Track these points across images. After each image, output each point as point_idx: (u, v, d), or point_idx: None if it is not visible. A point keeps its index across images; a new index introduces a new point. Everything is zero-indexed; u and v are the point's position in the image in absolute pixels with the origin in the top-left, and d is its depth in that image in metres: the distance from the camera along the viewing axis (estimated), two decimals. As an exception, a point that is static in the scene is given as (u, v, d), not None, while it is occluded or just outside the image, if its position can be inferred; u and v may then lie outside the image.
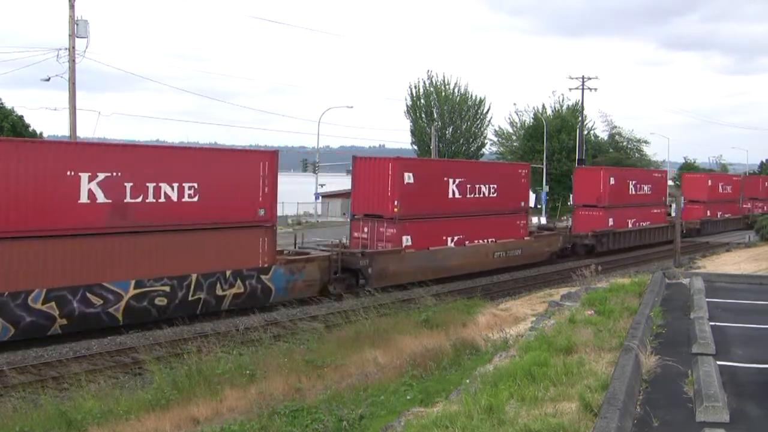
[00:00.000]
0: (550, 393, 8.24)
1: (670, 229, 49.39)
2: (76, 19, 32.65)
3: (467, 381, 10.45)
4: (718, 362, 9.22)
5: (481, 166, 47.52)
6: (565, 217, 65.10)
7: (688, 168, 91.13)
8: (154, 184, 22.11)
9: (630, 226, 48.26)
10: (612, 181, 46.51)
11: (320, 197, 65.45)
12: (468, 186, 34.35)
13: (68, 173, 20.24)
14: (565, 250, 42.83)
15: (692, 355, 9.73)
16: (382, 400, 12.62)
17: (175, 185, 22.55)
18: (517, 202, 38.28)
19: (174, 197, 22.57)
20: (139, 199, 21.79)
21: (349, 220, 33.52)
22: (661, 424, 7.23)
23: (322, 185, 65.76)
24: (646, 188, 50.86)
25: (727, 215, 64.28)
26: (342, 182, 64.45)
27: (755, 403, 7.98)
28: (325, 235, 44.55)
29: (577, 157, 68.97)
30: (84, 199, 20.57)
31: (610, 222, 46.01)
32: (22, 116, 49.01)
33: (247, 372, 15.59)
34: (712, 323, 11.71)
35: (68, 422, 13.12)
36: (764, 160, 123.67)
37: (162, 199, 22.29)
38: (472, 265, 34.36)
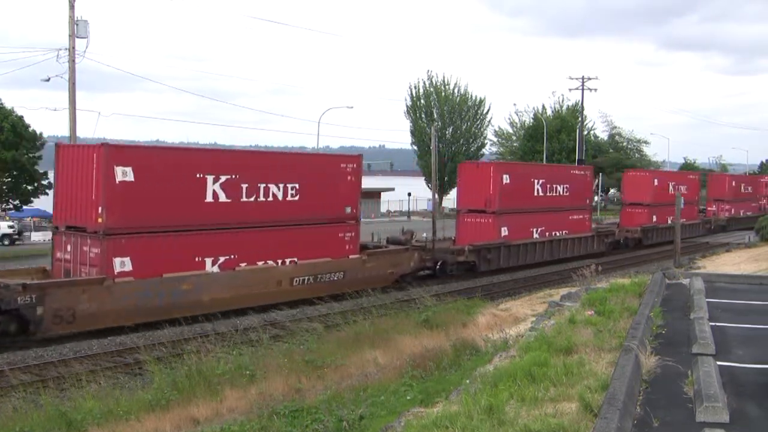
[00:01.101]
0: (550, 393, 8.24)
1: (596, 239, 44.63)
2: (76, 19, 32.64)
3: (467, 381, 10.45)
4: (718, 362, 9.22)
5: (276, 157, 30.36)
6: None
7: (688, 168, 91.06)
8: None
9: (537, 236, 39.54)
10: (506, 179, 37.10)
11: None
12: (244, 186, 25.55)
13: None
14: (429, 269, 33.79)
15: (692, 355, 9.73)
16: (382, 400, 12.62)
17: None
18: (341, 208, 28.92)
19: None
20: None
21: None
22: (661, 424, 7.23)
23: None
24: (560, 189, 41.78)
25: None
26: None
27: (755, 404, 7.98)
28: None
29: (576, 158, 68.99)
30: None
31: (504, 232, 36.83)
32: (22, 116, 49.12)
33: (247, 372, 15.60)
34: (712, 323, 11.70)
35: (68, 422, 13.13)
36: (764, 161, 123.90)
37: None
38: (250, 298, 25.27)
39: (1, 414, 14.88)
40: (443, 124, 77.39)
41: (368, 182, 44.10)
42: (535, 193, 40.00)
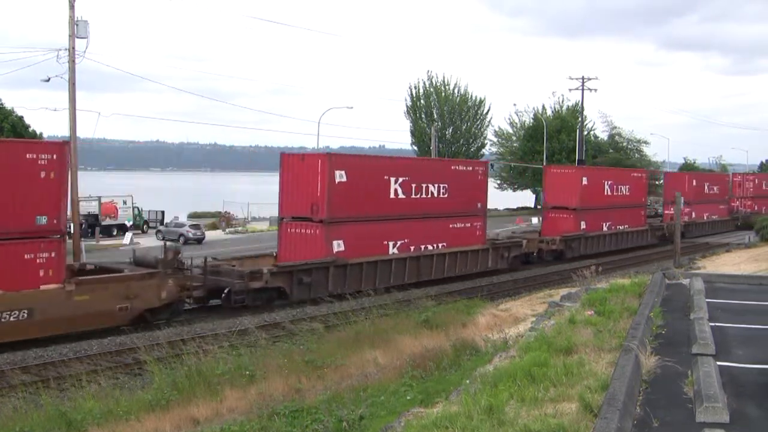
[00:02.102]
0: (550, 393, 8.24)
1: (490, 253, 36.24)
2: (76, 19, 32.62)
3: (467, 381, 10.44)
4: (718, 363, 9.21)
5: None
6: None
7: (688, 169, 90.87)
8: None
9: (394, 251, 31.23)
10: (340, 177, 28.73)
11: None
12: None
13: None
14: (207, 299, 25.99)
15: (692, 355, 9.73)
16: (382, 400, 12.62)
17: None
18: (30, 218, 20.48)
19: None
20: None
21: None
22: (661, 424, 7.22)
23: None
24: (435, 189, 33.27)
25: (622, 226, 48.93)
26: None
27: (755, 404, 7.98)
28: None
29: (576, 158, 68.98)
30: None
31: (338, 247, 28.75)
32: (22, 117, 49.13)
33: (247, 372, 15.60)
34: (712, 324, 11.69)
35: (68, 422, 13.14)
36: (764, 161, 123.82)
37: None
38: None
39: (1, 414, 14.89)
40: (443, 125, 77.47)
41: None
42: (392, 195, 31.15)
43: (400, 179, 31.19)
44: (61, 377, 18.03)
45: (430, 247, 32.79)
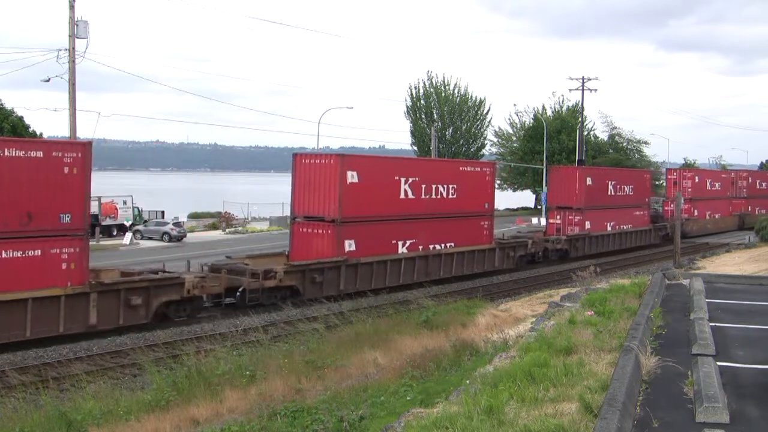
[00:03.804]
0: (550, 394, 8.24)
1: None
2: (76, 19, 32.66)
3: (467, 382, 10.45)
4: (718, 363, 9.22)
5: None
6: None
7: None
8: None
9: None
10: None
11: None
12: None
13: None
14: None
15: (692, 356, 9.73)
16: (382, 400, 12.62)
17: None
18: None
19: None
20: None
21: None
22: (661, 425, 7.23)
23: None
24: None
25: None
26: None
27: (755, 404, 7.98)
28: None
29: (576, 158, 68.97)
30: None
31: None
32: (22, 117, 49.07)
33: (247, 373, 15.59)
34: (712, 324, 11.70)
35: (68, 423, 13.13)
36: (764, 161, 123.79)
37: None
38: None
39: (1, 414, 14.88)
40: (443, 125, 77.46)
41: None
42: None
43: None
44: (60, 378, 18.03)
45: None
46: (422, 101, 79.19)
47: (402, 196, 31.42)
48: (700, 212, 59.15)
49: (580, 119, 74.51)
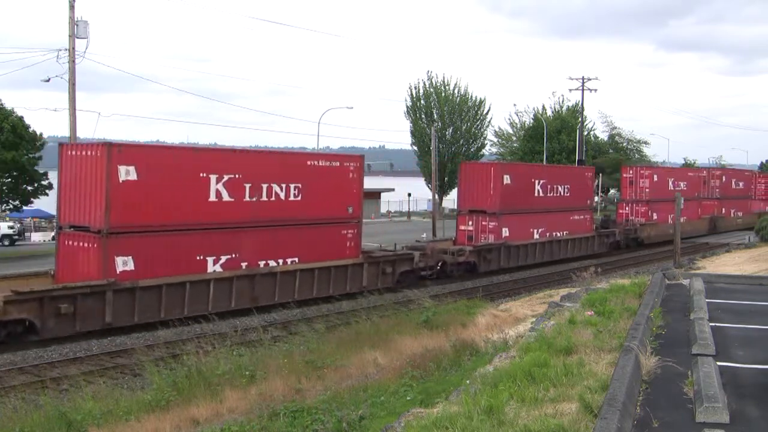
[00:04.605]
0: (550, 394, 8.24)
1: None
2: (76, 19, 32.64)
3: (467, 382, 10.45)
4: (718, 363, 9.22)
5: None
6: None
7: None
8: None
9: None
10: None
11: None
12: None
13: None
14: None
15: (692, 356, 9.73)
16: (382, 400, 12.62)
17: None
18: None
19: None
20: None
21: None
22: (661, 425, 7.23)
23: None
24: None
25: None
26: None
27: (755, 404, 7.98)
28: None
29: (577, 158, 68.96)
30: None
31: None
32: (22, 117, 49.05)
33: (247, 373, 15.59)
34: (712, 324, 11.70)
35: (68, 423, 13.13)
36: (764, 161, 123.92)
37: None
38: None
39: (1, 414, 14.88)
40: (443, 125, 77.37)
41: (369, 182, 43.69)
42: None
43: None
44: (60, 378, 18.03)
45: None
46: (422, 101, 79.11)
47: (213, 198, 24.63)
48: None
49: (580, 119, 74.50)
